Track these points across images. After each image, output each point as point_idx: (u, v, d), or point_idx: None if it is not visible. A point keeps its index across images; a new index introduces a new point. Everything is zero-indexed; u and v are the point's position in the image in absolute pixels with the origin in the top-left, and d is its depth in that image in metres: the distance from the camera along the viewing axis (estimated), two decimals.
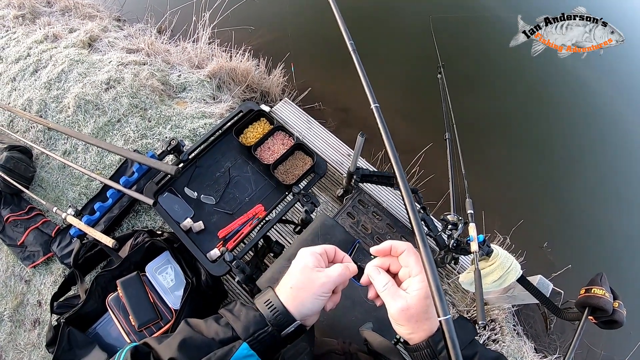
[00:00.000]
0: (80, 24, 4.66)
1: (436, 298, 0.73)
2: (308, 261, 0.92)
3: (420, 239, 0.82)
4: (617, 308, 1.90)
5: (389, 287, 0.90)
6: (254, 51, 4.56)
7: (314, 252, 0.95)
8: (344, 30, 1.50)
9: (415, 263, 0.89)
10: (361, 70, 1.36)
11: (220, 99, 4.11)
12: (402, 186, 0.96)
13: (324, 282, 0.90)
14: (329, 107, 4.59)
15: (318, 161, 2.43)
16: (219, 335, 0.83)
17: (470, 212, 2.42)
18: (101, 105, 3.68)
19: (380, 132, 1.16)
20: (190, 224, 2.19)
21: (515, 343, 3.34)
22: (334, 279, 0.91)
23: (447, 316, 0.70)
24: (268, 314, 0.86)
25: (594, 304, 1.90)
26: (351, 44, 1.45)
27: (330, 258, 0.99)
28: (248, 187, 2.38)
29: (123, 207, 3.09)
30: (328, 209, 3.44)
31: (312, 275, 0.90)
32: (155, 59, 4.27)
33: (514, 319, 3.60)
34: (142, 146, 3.53)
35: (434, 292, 0.73)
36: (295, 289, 0.89)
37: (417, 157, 4.06)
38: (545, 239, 4.32)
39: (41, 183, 3.47)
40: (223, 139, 2.52)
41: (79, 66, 3.96)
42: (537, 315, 3.87)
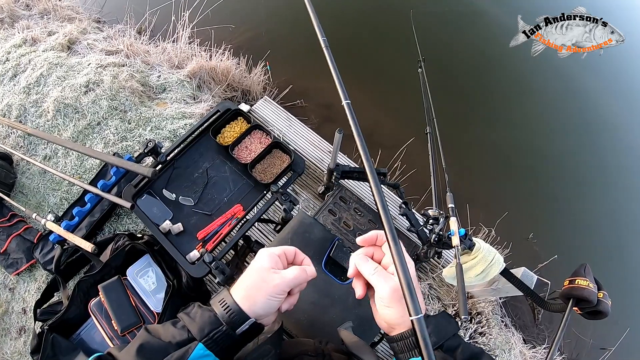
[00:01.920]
0: (60, 26, 4.62)
1: (407, 296, 0.72)
2: (264, 262, 0.93)
3: (391, 236, 0.80)
4: (602, 298, 1.91)
5: (379, 270, 0.91)
6: (234, 50, 4.56)
7: (271, 253, 0.95)
8: (316, 26, 1.49)
9: None
10: (333, 66, 1.34)
11: (201, 99, 4.09)
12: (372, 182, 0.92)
13: (277, 284, 0.90)
14: (311, 103, 4.58)
15: (296, 159, 2.42)
16: (175, 338, 0.84)
17: (451, 206, 2.43)
18: (80, 109, 3.65)
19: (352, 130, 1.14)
20: (169, 226, 2.18)
21: (503, 335, 3.36)
22: (288, 281, 0.92)
23: (419, 315, 0.69)
24: (222, 313, 0.87)
25: (578, 295, 1.90)
26: (324, 40, 1.43)
27: (289, 259, 1.00)
28: (226, 187, 2.37)
29: (104, 211, 3.08)
30: (310, 206, 3.44)
31: (267, 276, 0.91)
32: (134, 60, 4.24)
33: (502, 310, 3.62)
34: (123, 149, 3.51)
35: (404, 290, 0.73)
36: (249, 288, 0.90)
37: (399, 152, 4.08)
38: (531, 230, 4.36)
39: (22, 189, 3.44)
40: (201, 140, 2.50)
41: (58, 70, 3.93)
42: (525, 306, 3.90)
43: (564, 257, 4.04)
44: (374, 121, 4.79)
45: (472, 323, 3.23)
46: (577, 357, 3.82)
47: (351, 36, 5.48)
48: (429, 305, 3.21)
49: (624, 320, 3.91)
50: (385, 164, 4.09)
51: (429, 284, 3.29)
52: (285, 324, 1.87)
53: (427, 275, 3.33)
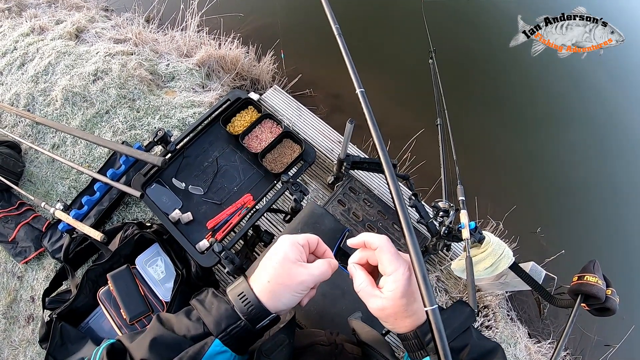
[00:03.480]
0: (67, 15, 4.60)
1: (422, 288, 0.70)
2: (289, 253, 0.85)
3: (407, 229, 0.78)
4: (610, 295, 1.89)
5: (364, 287, 0.86)
6: (243, 38, 4.53)
7: (295, 243, 0.88)
8: (329, 14, 1.48)
9: (389, 262, 0.82)
10: (346, 54, 1.33)
11: (210, 88, 4.07)
12: (387, 173, 0.93)
13: (304, 280, 0.84)
14: (320, 93, 4.56)
15: (307, 149, 2.40)
16: (190, 332, 0.79)
17: (461, 199, 2.41)
18: (89, 97, 3.64)
19: (366, 118, 1.12)
20: (179, 215, 2.17)
21: (509, 328, 3.35)
22: (315, 277, 0.86)
23: (434, 306, 0.68)
24: (242, 307, 0.81)
25: (587, 292, 1.88)
26: (337, 27, 1.42)
27: (312, 249, 0.93)
28: (236, 177, 2.36)
29: (113, 200, 3.07)
30: (319, 196, 3.42)
31: (293, 270, 0.84)
32: (143, 49, 4.22)
33: (508, 304, 3.61)
34: (131, 137, 3.50)
35: (420, 282, 0.71)
36: (273, 283, 0.82)
37: (409, 143, 4.05)
38: (539, 224, 4.33)
39: (31, 178, 3.43)
40: (210, 129, 2.49)
41: (66, 58, 3.91)
42: (531, 301, 3.89)
43: (571, 252, 4.00)
44: (384, 112, 4.76)
45: (480, 316, 3.22)
46: (582, 353, 3.80)
47: (361, 27, 5.45)
48: (436, 297, 3.19)
49: (630, 317, 3.89)
50: (394, 155, 4.07)
51: (436, 276, 3.27)
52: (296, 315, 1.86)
53: (435, 268, 3.31)
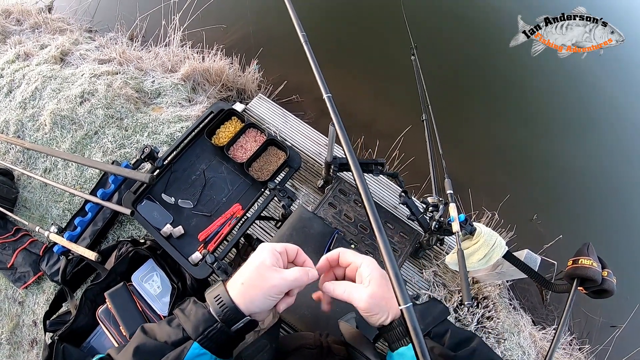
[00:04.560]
0: (51, 39, 4.62)
1: (396, 287, 0.73)
2: (265, 258, 0.89)
3: (375, 222, 0.82)
4: (607, 277, 1.90)
5: (347, 288, 0.91)
6: (226, 49, 4.56)
7: (273, 250, 0.92)
8: (295, 21, 1.50)
9: (354, 256, 0.91)
10: (313, 61, 1.35)
11: (196, 101, 4.10)
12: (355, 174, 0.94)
13: (277, 284, 0.87)
14: (306, 98, 4.58)
15: (292, 155, 2.43)
16: (170, 338, 0.83)
17: (449, 192, 2.43)
18: (77, 120, 3.66)
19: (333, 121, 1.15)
20: (170, 229, 2.20)
21: (512, 317, 3.36)
22: (288, 282, 0.88)
23: (408, 304, 0.71)
24: (217, 309, 0.85)
25: (582, 275, 1.90)
26: (303, 35, 1.44)
27: (290, 258, 0.96)
28: (224, 188, 2.39)
29: (106, 220, 3.09)
30: (310, 200, 3.44)
31: (267, 274, 0.87)
32: (127, 67, 4.25)
33: (509, 293, 3.63)
34: (121, 156, 3.52)
35: (393, 280, 0.73)
36: (247, 285, 0.86)
37: (397, 141, 4.07)
38: (534, 211, 4.35)
39: (25, 203, 3.46)
40: (196, 142, 2.53)
41: (52, 82, 3.94)
42: (533, 288, 3.90)
43: (570, 236, 4.04)
44: (371, 112, 4.79)
45: (480, 308, 3.23)
46: (588, 336, 3.80)
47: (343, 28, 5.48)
48: (434, 292, 3.21)
49: (634, 297, 3.91)
50: (384, 153, 4.10)
51: (433, 271, 3.28)
52: (290, 320, 1.89)
53: (431, 263, 3.33)
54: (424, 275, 3.26)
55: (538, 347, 3.35)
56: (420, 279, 3.25)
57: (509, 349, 3.16)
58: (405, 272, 3.27)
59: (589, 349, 3.63)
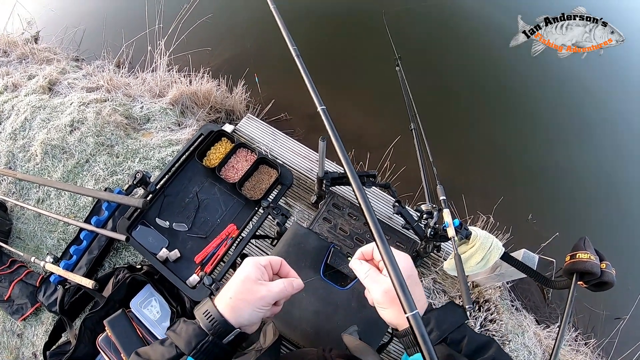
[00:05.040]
0: (39, 69, 4.65)
1: (400, 295, 0.74)
2: (250, 272, 0.93)
3: (377, 234, 0.83)
4: (605, 269, 1.91)
5: (370, 273, 0.93)
6: (213, 72, 4.60)
7: (257, 264, 0.96)
8: (286, 36, 1.52)
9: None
10: (305, 74, 1.37)
11: (186, 125, 4.12)
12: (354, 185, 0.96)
13: (263, 296, 0.91)
14: (295, 116, 4.62)
15: (283, 172, 2.45)
16: (164, 357, 0.85)
17: (442, 199, 2.44)
18: (68, 149, 3.67)
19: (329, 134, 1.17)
20: (166, 253, 2.20)
21: (515, 319, 3.38)
22: (274, 294, 0.92)
23: (414, 311, 0.71)
24: (207, 324, 0.88)
25: (581, 269, 1.91)
26: (295, 49, 1.46)
27: (275, 270, 1.01)
28: (218, 209, 2.40)
29: (102, 247, 3.08)
30: (305, 217, 3.45)
31: (254, 287, 0.91)
32: (116, 94, 4.27)
33: (511, 295, 3.65)
34: (114, 183, 3.53)
35: (397, 288, 0.74)
36: (234, 299, 0.90)
37: (388, 151, 4.11)
38: (529, 211, 4.40)
39: (19, 235, 3.44)
40: (187, 165, 2.54)
41: (42, 112, 3.95)
42: (534, 288, 3.93)
43: (566, 233, 4.09)
44: (360, 124, 4.84)
45: (481, 311, 3.24)
46: (593, 330, 3.84)
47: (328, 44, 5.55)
48: (435, 299, 3.22)
49: (636, 287, 3.94)
50: (375, 165, 4.13)
51: (433, 279, 3.30)
52: (292, 336, 1.89)
53: (430, 270, 3.34)
54: (424, 283, 3.26)
55: (544, 346, 3.36)
56: None
57: (514, 350, 3.17)
58: None
59: (594, 343, 3.66)
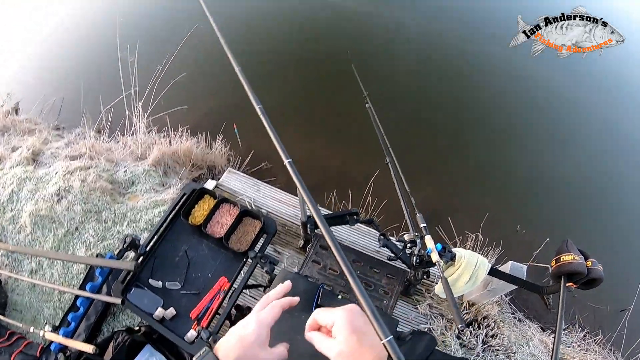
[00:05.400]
0: (21, 140, 4.74)
1: (374, 322, 0.79)
2: (256, 336, 0.91)
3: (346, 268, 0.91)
4: (592, 266, 2.00)
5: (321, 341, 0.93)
6: (191, 129, 4.73)
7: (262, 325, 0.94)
8: (251, 95, 1.60)
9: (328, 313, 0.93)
10: (271, 130, 1.45)
11: (169, 184, 4.23)
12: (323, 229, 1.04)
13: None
14: (276, 164, 4.71)
15: (266, 222, 2.56)
16: None
17: (423, 226, 2.52)
18: (56, 218, 3.75)
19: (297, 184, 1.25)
20: (162, 312, 2.26)
21: (518, 330, 3.46)
22: (275, 357, 0.93)
23: (389, 337, 0.76)
24: None
25: (567, 271, 2.00)
26: (260, 107, 1.54)
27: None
28: (208, 264, 2.48)
29: (99, 312, 3.13)
30: (294, 262, 3.55)
31: (254, 351, 0.90)
32: (99, 161, 4.37)
33: (511, 307, 3.73)
34: (104, 248, 3.60)
35: (370, 317, 0.80)
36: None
37: (368, 187, 4.23)
38: (517, 222, 4.52)
39: (15, 306, 3.47)
40: (174, 224, 2.62)
41: (28, 183, 4.04)
42: (534, 296, 3.98)
43: (557, 237, 4.14)
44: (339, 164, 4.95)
45: (481, 328, 3.30)
46: (600, 327, 3.89)
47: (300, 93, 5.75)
48: (433, 324, 3.29)
49: (635, 277, 4.07)
50: (358, 201, 4.25)
51: (428, 304, 3.38)
52: None
53: (424, 297, 3.43)
54: (420, 310, 3.35)
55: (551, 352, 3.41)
56: (417, 314, 3.35)
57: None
58: (401, 311, 3.36)
59: (603, 339, 3.72)
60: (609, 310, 3.99)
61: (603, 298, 4.00)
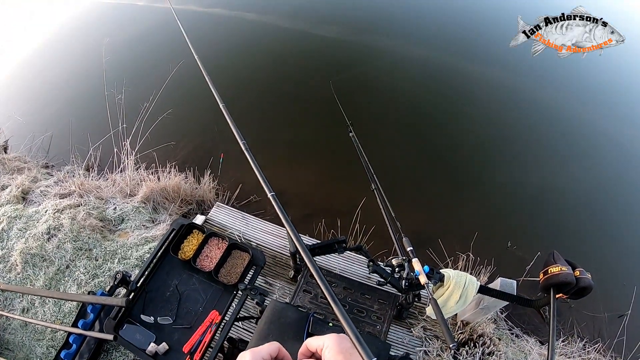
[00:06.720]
0: (11, 179, 4.77)
1: (357, 344, 0.84)
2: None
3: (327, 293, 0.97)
4: (580, 275, 2.05)
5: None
6: (179, 165, 4.78)
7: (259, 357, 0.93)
8: (235, 132, 1.66)
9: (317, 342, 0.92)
10: (255, 165, 1.51)
11: (159, 220, 4.28)
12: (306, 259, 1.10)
13: None
14: (263, 196, 4.56)
15: (255, 254, 2.62)
16: None
17: (409, 249, 2.55)
18: (47, 256, 3.77)
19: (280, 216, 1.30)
20: (155, 348, 2.29)
21: (516, 345, 3.49)
22: None
23: (373, 359, 0.80)
24: None
25: (555, 282, 2.05)
26: (244, 143, 1.60)
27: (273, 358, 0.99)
28: (199, 298, 2.52)
29: (92, 350, 3.13)
30: (286, 292, 3.58)
31: None
32: (88, 198, 4.41)
33: (508, 323, 3.76)
34: (96, 285, 3.62)
35: (352, 339, 0.84)
36: None
37: (356, 215, 4.27)
38: (507, 239, 4.58)
39: (7, 346, 3.47)
40: (164, 260, 2.67)
41: (18, 222, 4.06)
42: (530, 311, 3.96)
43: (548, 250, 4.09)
44: (326, 194, 5.03)
45: (477, 347, 3.32)
46: (600, 335, 3.92)
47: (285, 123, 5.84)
48: (429, 346, 3.32)
49: (630, 282, 4.15)
50: (346, 229, 4.28)
51: (422, 327, 3.42)
52: None
53: (418, 320, 3.47)
54: (414, 334, 3.38)
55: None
56: (412, 338, 3.37)
57: None
58: (395, 335, 3.38)
59: (603, 346, 3.74)
60: (606, 317, 4.03)
61: (600, 306, 4.05)
